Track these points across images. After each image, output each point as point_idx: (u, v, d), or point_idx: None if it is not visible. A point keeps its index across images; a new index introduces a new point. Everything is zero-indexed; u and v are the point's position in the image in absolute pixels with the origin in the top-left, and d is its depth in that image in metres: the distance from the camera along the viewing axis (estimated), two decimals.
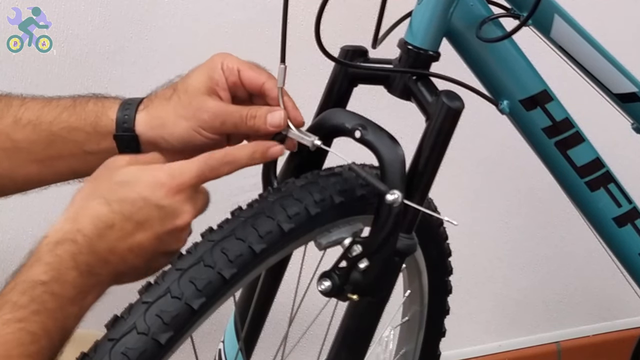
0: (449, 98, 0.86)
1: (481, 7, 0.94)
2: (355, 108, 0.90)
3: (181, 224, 0.79)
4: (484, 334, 1.81)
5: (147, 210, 0.78)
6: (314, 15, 0.88)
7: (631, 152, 1.65)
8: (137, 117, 0.89)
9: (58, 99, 0.92)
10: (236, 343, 1.01)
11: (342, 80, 0.95)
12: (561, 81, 1.03)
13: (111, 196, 0.78)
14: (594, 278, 1.85)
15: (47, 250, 0.76)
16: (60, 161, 0.91)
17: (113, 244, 0.77)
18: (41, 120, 0.89)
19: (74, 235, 0.76)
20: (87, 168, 0.90)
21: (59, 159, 0.90)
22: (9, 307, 0.73)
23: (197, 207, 0.81)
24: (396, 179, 0.83)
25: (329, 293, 0.84)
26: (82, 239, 0.76)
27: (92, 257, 0.76)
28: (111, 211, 0.77)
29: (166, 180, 0.79)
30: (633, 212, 1.08)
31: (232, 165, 0.83)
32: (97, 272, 0.77)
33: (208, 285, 0.77)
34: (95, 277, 0.77)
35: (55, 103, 0.91)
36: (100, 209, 0.77)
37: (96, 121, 0.89)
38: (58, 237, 0.77)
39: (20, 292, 0.74)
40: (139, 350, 0.73)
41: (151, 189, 0.78)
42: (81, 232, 0.77)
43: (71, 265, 0.75)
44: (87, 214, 0.77)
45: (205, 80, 0.89)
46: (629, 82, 1.06)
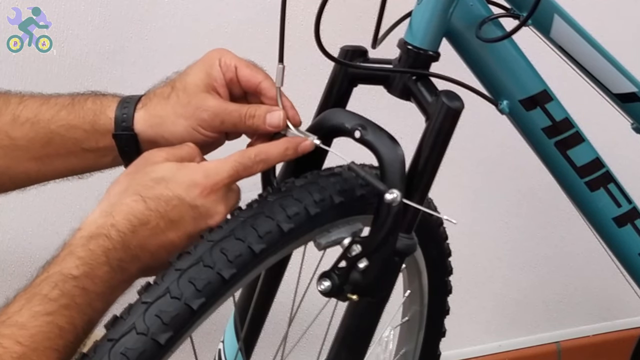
0: (449, 98, 0.86)
1: (481, 7, 0.94)
2: (355, 108, 0.90)
3: (213, 223, 0.80)
4: (484, 334, 1.81)
5: (181, 209, 0.79)
6: (314, 15, 0.88)
7: (631, 152, 1.65)
8: (135, 115, 0.89)
9: (57, 97, 0.92)
10: (236, 343, 1.01)
11: (342, 80, 0.95)
12: (561, 81, 1.03)
13: (147, 193, 0.79)
14: (594, 278, 1.85)
15: (80, 244, 0.77)
16: (59, 159, 0.91)
17: (145, 241, 0.78)
18: (39, 118, 0.89)
19: (108, 231, 0.77)
20: (85, 166, 0.90)
21: (57, 157, 0.90)
22: (39, 299, 0.73)
23: (230, 205, 0.82)
24: (396, 178, 0.83)
25: (328, 293, 0.84)
26: (116, 235, 0.77)
27: (124, 253, 0.77)
28: (146, 208, 0.78)
29: (201, 180, 0.80)
30: (633, 212, 1.08)
31: (266, 162, 0.85)
32: (127, 268, 0.78)
33: (207, 285, 0.77)
34: (126, 273, 0.78)
35: (53, 101, 0.91)
36: (136, 206, 0.78)
37: (95, 119, 0.89)
38: (92, 231, 0.78)
39: (52, 285, 0.74)
40: (138, 351, 0.73)
41: (186, 188, 0.79)
42: (115, 227, 0.77)
43: (103, 260, 0.76)
44: (122, 209, 0.78)
45: (203, 77, 0.89)
46: (629, 82, 1.06)
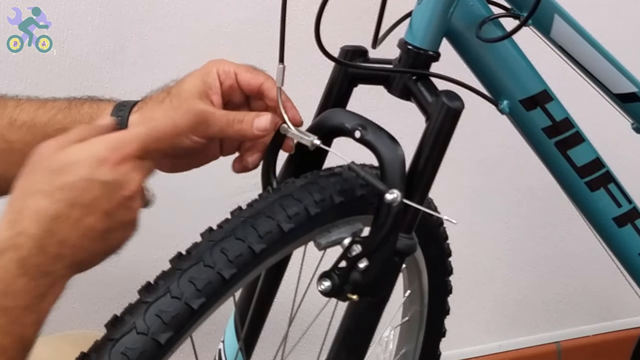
0: (449, 98, 0.86)
1: (481, 7, 0.94)
2: (355, 108, 0.90)
3: (128, 194, 0.74)
4: (484, 334, 1.81)
5: (91, 190, 0.73)
6: (314, 15, 0.88)
7: (631, 152, 1.65)
8: (130, 118, 0.89)
9: (53, 101, 0.91)
10: (236, 343, 1.01)
11: (342, 80, 0.95)
12: (561, 81, 1.03)
13: (50, 186, 0.72)
14: (594, 278, 1.85)
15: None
16: None
17: (64, 236, 0.72)
18: (36, 121, 0.89)
19: (16, 240, 0.71)
20: None
21: None
22: None
23: (145, 171, 0.77)
24: (396, 178, 0.83)
25: (328, 293, 0.84)
26: (27, 241, 0.71)
27: (43, 256, 0.71)
28: (53, 202, 0.72)
29: (107, 154, 0.74)
30: (633, 212, 1.08)
31: (176, 132, 0.79)
32: (51, 271, 0.72)
33: (208, 285, 0.77)
34: (51, 276, 0.72)
35: (50, 105, 0.91)
36: (41, 204, 0.72)
37: (90, 123, 0.89)
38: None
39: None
40: (138, 351, 0.73)
41: (92, 167, 0.73)
42: (24, 234, 0.71)
43: (19, 272, 0.70)
44: (27, 213, 0.72)
45: (198, 84, 0.88)
46: (629, 82, 1.06)
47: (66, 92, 1.31)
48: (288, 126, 0.88)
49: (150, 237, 1.45)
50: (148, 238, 1.47)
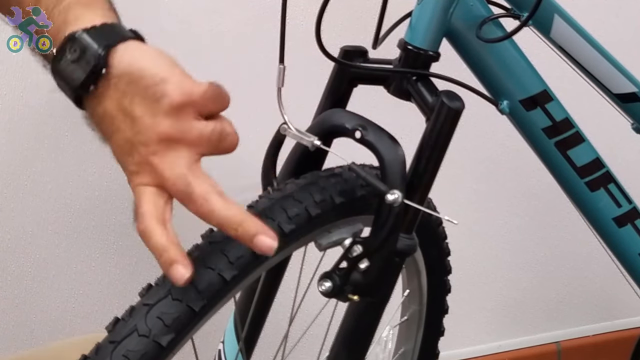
0: (449, 98, 0.86)
1: (481, 7, 0.94)
2: (355, 108, 0.90)
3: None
4: (484, 334, 1.81)
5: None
6: (314, 15, 0.89)
7: (631, 152, 1.65)
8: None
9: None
10: (236, 343, 1.01)
11: (342, 80, 0.95)
12: (561, 81, 1.03)
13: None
14: (594, 278, 1.85)
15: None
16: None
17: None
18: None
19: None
20: None
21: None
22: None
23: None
24: (396, 179, 0.83)
25: (329, 294, 0.84)
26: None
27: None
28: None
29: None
30: (633, 212, 1.08)
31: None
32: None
33: (209, 287, 0.77)
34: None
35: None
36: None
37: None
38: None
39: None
40: (140, 353, 0.73)
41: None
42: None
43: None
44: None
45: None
46: (629, 82, 1.06)
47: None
48: (288, 126, 0.88)
49: None
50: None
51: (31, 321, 1.39)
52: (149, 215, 0.69)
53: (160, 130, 0.68)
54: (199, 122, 0.69)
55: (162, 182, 0.69)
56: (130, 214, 1.38)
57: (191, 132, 0.69)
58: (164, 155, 0.69)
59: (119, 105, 0.69)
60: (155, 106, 0.68)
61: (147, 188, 0.70)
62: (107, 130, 0.71)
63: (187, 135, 0.69)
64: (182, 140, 0.69)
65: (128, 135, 0.69)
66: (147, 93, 0.68)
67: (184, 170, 0.69)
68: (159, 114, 0.68)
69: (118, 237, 1.41)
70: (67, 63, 0.70)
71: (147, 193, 0.70)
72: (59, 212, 1.37)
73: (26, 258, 1.37)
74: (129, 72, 0.69)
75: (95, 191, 1.38)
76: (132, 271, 1.44)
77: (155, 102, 0.68)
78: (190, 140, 0.69)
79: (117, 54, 0.69)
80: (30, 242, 1.36)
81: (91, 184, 1.38)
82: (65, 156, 1.34)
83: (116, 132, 0.70)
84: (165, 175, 0.69)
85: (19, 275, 1.37)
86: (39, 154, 1.33)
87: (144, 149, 0.69)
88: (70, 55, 0.69)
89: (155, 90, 0.68)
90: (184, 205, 0.70)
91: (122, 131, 0.70)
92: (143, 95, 0.69)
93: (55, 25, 0.71)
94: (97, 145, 1.04)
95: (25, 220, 1.35)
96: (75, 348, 0.77)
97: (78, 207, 1.37)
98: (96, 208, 1.38)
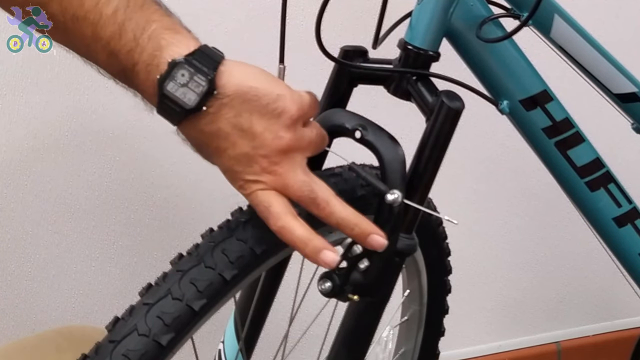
0: (449, 98, 0.86)
1: (481, 7, 0.94)
2: (355, 108, 0.90)
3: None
4: (484, 334, 1.81)
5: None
6: (314, 15, 0.89)
7: (631, 152, 1.65)
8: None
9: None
10: (236, 343, 1.01)
11: (342, 80, 0.95)
12: (561, 81, 1.03)
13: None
14: (594, 278, 1.85)
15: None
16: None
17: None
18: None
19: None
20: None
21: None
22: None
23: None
24: (396, 179, 0.83)
25: (329, 294, 0.84)
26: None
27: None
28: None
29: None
30: (633, 212, 1.08)
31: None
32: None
33: (209, 286, 0.77)
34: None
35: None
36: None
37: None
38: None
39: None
40: (140, 352, 0.73)
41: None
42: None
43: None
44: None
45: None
46: (629, 82, 1.06)
47: (66, 92, 1.32)
48: None
49: (150, 237, 1.46)
50: (148, 238, 1.48)
51: (31, 321, 1.39)
52: (284, 213, 0.77)
53: (282, 143, 0.76)
54: (306, 129, 0.78)
55: (285, 188, 0.77)
56: (130, 214, 1.39)
57: (304, 139, 0.78)
58: (284, 163, 0.77)
59: (234, 123, 0.75)
60: (275, 121, 0.76)
61: (270, 191, 0.77)
62: (220, 147, 0.76)
63: (301, 142, 0.78)
64: (297, 148, 0.77)
65: (246, 149, 0.76)
66: (266, 110, 0.76)
67: (305, 177, 0.78)
68: (280, 129, 0.76)
69: (118, 237, 1.42)
70: (176, 87, 0.74)
71: (273, 195, 0.77)
72: (59, 212, 1.37)
73: (26, 258, 1.37)
74: (242, 92, 0.75)
75: (95, 191, 1.38)
76: (132, 271, 1.44)
77: (276, 117, 0.76)
78: (303, 146, 0.78)
79: (223, 75, 0.75)
80: (30, 242, 1.36)
81: (91, 184, 1.38)
82: (65, 156, 1.34)
83: (231, 147, 0.76)
84: (289, 183, 0.77)
85: (19, 275, 1.37)
86: (39, 154, 1.33)
87: (265, 161, 0.76)
88: (180, 79, 0.74)
89: (276, 106, 0.76)
90: (306, 207, 0.78)
91: (240, 146, 0.76)
92: (262, 112, 0.75)
93: (147, 51, 0.75)
94: (97, 145, 1.05)
95: (25, 220, 1.35)
96: (69, 339, 0.78)
97: (78, 207, 1.37)
98: (96, 208, 1.39)
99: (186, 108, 0.74)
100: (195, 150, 0.79)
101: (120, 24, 0.75)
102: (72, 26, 0.75)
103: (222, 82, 0.75)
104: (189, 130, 0.77)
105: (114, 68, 0.76)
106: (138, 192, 1.40)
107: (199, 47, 0.76)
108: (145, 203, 1.41)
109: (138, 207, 1.41)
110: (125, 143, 1.37)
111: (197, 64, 0.74)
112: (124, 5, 0.75)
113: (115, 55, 0.75)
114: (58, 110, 1.32)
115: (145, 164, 1.40)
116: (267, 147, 0.76)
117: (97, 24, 0.75)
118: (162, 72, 0.74)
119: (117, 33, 0.75)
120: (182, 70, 0.74)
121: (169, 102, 0.75)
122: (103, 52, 0.75)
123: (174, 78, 0.74)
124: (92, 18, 0.75)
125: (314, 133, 0.80)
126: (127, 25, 0.75)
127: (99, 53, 0.76)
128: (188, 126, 0.76)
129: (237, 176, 0.77)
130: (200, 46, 0.76)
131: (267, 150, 0.76)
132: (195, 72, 0.74)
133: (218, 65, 0.75)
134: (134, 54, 0.75)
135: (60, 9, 0.75)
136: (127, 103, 0.82)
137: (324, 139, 0.82)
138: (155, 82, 0.74)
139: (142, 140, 1.37)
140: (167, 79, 0.74)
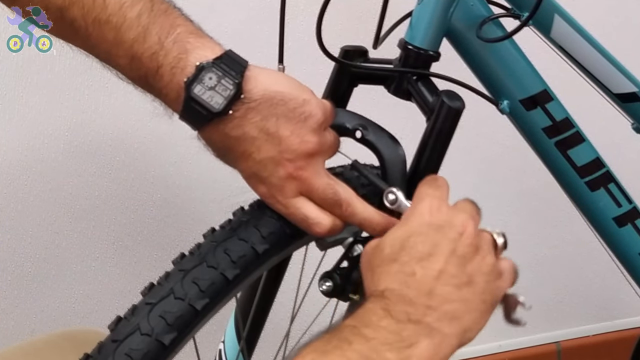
0: (450, 98, 0.86)
1: (481, 7, 0.94)
2: (355, 108, 0.90)
3: (461, 231, 0.85)
4: (484, 334, 1.81)
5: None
6: (314, 15, 0.89)
7: (631, 152, 1.65)
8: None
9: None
10: (236, 343, 1.01)
11: (342, 80, 0.95)
12: (561, 81, 1.03)
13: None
14: (594, 278, 1.85)
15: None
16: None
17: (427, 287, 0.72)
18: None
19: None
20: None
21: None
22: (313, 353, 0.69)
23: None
24: (397, 178, 0.83)
25: (330, 293, 0.84)
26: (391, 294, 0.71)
27: (407, 305, 0.71)
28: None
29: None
30: (633, 212, 1.08)
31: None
32: (419, 320, 0.71)
33: (211, 286, 0.77)
34: (420, 325, 0.71)
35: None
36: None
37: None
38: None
39: (326, 340, 0.70)
40: (142, 351, 0.73)
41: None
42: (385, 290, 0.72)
43: (382, 314, 0.70)
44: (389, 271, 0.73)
45: None
46: (629, 82, 1.06)
47: (66, 92, 1.32)
48: None
49: (150, 237, 1.46)
50: (148, 238, 1.48)
51: (31, 321, 1.39)
52: (323, 222, 0.78)
53: (308, 147, 0.77)
54: (327, 133, 0.80)
55: (310, 191, 0.78)
56: (130, 214, 1.38)
57: (326, 143, 0.79)
58: (308, 167, 0.77)
59: (261, 127, 0.76)
60: (302, 126, 0.77)
61: (301, 198, 0.78)
62: (246, 151, 0.76)
63: (324, 146, 0.79)
64: (321, 152, 0.79)
65: (272, 153, 0.76)
66: (293, 115, 0.76)
67: (328, 179, 0.79)
68: (306, 133, 0.77)
69: (118, 237, 1.42)
70: (203, 90, 0.74)
71: (305, 202, 0.78)
72: (59, 212, 1.37)
73: (26, 258, 1.37)
74: (269, 97, 0.76)
75: (95, 191, 1.38)
76: (132, 271, 1.44)
77: (302, 122, 0.77)
78: (325, 150, 0.79)
79: (250, 80, 0.75)
80: (30, 242, 1.36)
81: (91, 184, 1.38)
82: (65, 156, 1.34)
83: (257, 151, 0.76)
84: (314, 186, 0.78)
85: (19, 275, 1.37)
86: (39, 154, 1.33)
87: (291, 165, 0.77)
88: (208, 82, 0.74)
89: (303, 111, 0.77)
90: (329, 208, 0.79)
91: (265, 150, 0.76)
92: (289, 117, 0.76)
93: (172, 54, 0.75)
94: (97, 145, 1.05)
95: (25, 220, 1.35)
96: (72, 341, 0.78)
97: (78, 207, 1.37)
98: (96, 208, 1.39)
99: (213, 111, 0.74)
100: (217, 155, 0.79)
101: (144, 27, 0.74)
102: (94, 30, 0.75)
103: (249, 86, 0.75)
104: (213, 134, 0.76)
105: (135, 72, 0.76)
106: (138, 192, 1.40)
107: (225, 52, 0.76)
108: (145, 203, 1.41)
109: (138, 207, 1.41)
110: (125, 143, 1.37)
111: (224, 68, 0.74)
112: (148, 9, 0.75)
113: (137, 59, 0.75)
114: (58, 110, 1.32)
115: (145, 164, 1.40)
116: (294, 151, 0.76)
117: (121, 27, 0.74)
118: (189, 75, 0.74)
119: (142, 36, 0.74)
120: (210, 74, 0.74)
121: (196, 105, 0.74)
122: (125, 56, 0.75)
123: (201, 81, 0.74)
124: (116, 21, 0.74)
125: (333, 137, 0.81)
126: (152, 29, 0.74)
127: (120, 57, 0.75)
128: (212, 130, 0.76)
129: (264, 182, 0.78)
130: (226, 51, 0.76)
131: (294, 154, 0.76)
132: (223, 75, 0.74)
133: (244, 70, 0.75)
134: (158, 57, 0.74)
135: (82, 13, 0.75)
136: (127, 103, 0.82)
137: (339, 143, 0.83)
138: (181, 84, 0.74)
139: (142, 140, 1.37)
140: (195, 81, 0.74)
